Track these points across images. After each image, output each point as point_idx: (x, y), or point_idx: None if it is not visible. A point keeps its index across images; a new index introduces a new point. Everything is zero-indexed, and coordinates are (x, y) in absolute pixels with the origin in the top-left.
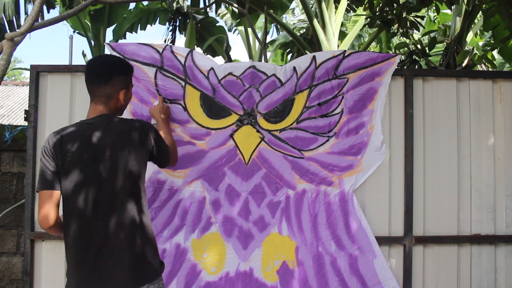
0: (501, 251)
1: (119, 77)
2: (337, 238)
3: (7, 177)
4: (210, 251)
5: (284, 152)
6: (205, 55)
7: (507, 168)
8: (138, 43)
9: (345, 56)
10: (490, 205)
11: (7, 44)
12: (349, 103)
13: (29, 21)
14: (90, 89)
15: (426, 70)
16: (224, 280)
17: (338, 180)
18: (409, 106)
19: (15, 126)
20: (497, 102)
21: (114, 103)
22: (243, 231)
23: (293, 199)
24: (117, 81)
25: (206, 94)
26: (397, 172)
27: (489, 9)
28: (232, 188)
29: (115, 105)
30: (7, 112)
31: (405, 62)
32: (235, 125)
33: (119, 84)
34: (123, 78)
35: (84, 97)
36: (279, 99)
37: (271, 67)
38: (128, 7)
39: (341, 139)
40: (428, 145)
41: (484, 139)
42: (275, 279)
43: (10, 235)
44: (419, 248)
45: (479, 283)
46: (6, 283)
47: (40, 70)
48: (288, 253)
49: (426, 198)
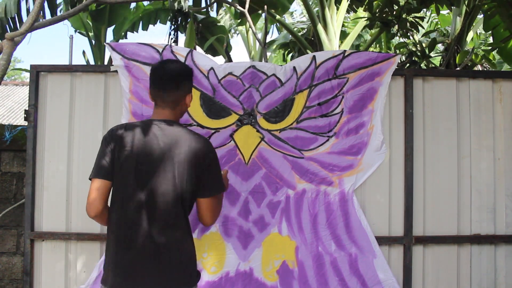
0: (501, 251)
1: (187, 82)
2: (337, 238)
3: (7, 177)
4: (210, 251)
5: (284, 152)
6: (205, 55)
7: (507, 168)
8: (138, 43)
9: (345, 56)
10: (490, 205)
11: (7, 44)
12: (349, 103)
13: (29, 21)
14: (157, 95)
15: (426, 70)
16: (224, 280)
17: (338, 180)
18: (409, 106)
19: (15, 126)
20: (497, 102)
21: (180, 108)
22: (243, 231)
23: (293, 199)
24: (185, 86)
25: (206, 94)
26: (397, 172)
27: (489, 10)
28: (232, 188)
29: (181, 110)
30: (7, 112)
31: (405, 63)
32: (235, 125)
33: (187, 89)
34: (190, 83)
35: (84, 97)
36: (279, 99)
37: (271, 67)
38: (129, 7)
39: (341, 139)
40: (428, 145)
41: (484, 139)
42: (275, 279)
43: (10, 235)
44: (419, 248)
45: (479, 283)
46: (6, 283)
47: (40, 70)
48: (288, 253)
49: (426, 198)
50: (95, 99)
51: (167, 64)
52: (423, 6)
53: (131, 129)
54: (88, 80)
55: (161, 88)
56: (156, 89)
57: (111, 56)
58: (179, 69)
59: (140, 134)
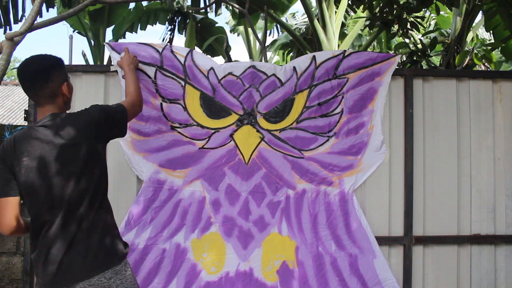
0: (501, 251)
1: (57, 72)
2: (337, 238)
3: None
4: (210, 251)
5: (284, 152)
6: (205, 55)
7: (507, 168)
8: (138, 42)
9: (345, 56)
10: (490, 205)
11: (7, 44)
12: (349, 103)
13: (29, 21)
14: (32, 94)
15: (426, 70)
16: (224, 280)
17: (338, 180)
18: (409, 106)
19: (15, 126)
20: (497, 102)
21: (60, 99)
22: (243, 231)
23: (293, 199)
24: (56, 76)
25: (206, 94)
26: (397, 172)
27: (489, 10)
28: (232, 188)
29: (63, 100)
30: (7, 112)
31: (406, 63)
32: (235, 125)
33: (59, 80)
34: (60, 72)
35: (84, 97)
36: (279, 99)
37: (271, 67)
38: (128, 7)
39: (341, 139)
40: (428, 145)
41: (484, 139)
42: (275, 279)
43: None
44: (419, 248)
45: (479, 283)
46: (6, 283)
47: None
48: (288, 253)
49: (426, 198)
50: (95, 99)
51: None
52: (423, 6)
53: (19, 139)
54: (88, 80)
55: (30, 86)
56: (26, 91)
57: (111, 55)
58: (44, 61)
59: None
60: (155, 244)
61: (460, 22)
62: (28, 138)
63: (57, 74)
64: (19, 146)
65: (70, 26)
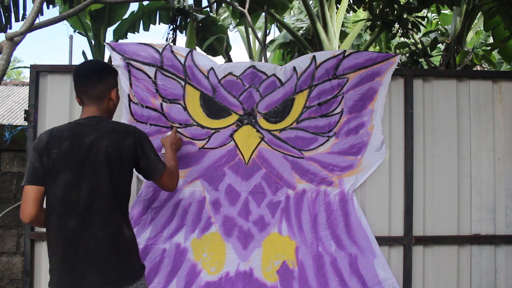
0: (501, 251)
1: (111, 76)
2: (337, 238)
3: (7, 177)
4: (210, 251)
5: (284, 152)
6: (205, 55)
7: (507, 168)
8: (138, 43)
9: (345, 56)
10: (490, 205)
11: (7, 44)
12: (349, 103)
13: (29, 20)
14: (82, 91)
15: (426, 70)
16: (224, 280)
17: (338, 180)
18: (409, 106)
19: (15, 126)
20: (497, 102)
21: (107, 103)
22: (243, 231)
23: (293, 199)
24: (108, 80)
25: (206, 94)
26: (397, 172)
27: (489, 10)
28: (232, 188)
29: (108, 105)
30: (7, 112)
31: (407, 63)
32: (235, 125)
33: (110, 84)
34: (113, 78)
35: None
36: (279, 99)
37: (271, 67)
38: (129, 6)
39: (341, 139)
40: (428, 145)
41: (484, 139)
42: (275, 279)
43: (10, 235)
44: (419, 248)
45: (479, 283)
46: (6, 283)
47: (40, 70)
48: (288, 253)
49: (426, 198)
50: None
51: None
52: (423, 6)
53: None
54: None
55: (84, 82)
56: (79, 85)
57: (111, 56)
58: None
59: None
60: (155, 244)
61: (460, 22)
62: (64, 132)
63: (110, 78)
64: (53, 138)
65: (70, 26)
